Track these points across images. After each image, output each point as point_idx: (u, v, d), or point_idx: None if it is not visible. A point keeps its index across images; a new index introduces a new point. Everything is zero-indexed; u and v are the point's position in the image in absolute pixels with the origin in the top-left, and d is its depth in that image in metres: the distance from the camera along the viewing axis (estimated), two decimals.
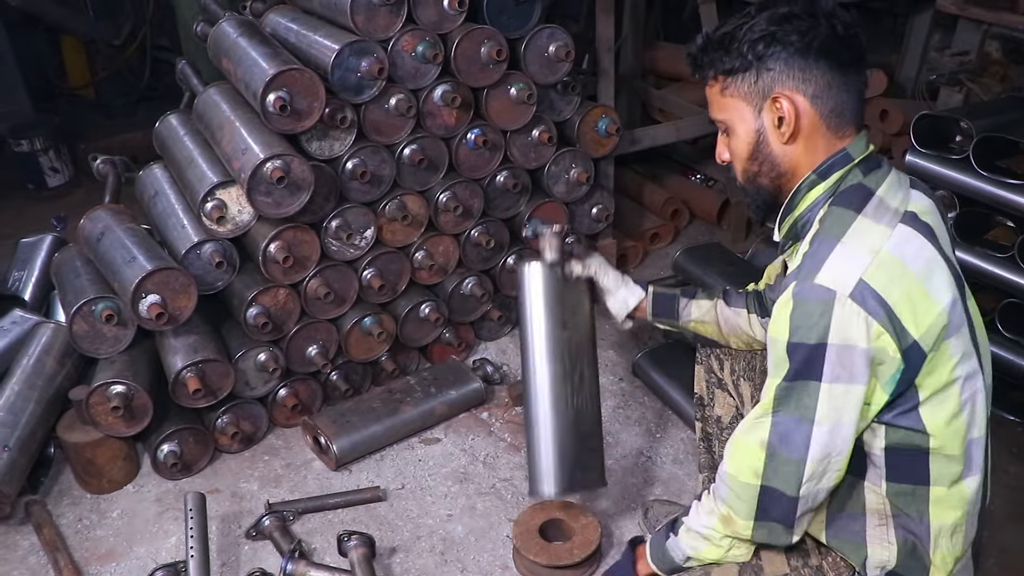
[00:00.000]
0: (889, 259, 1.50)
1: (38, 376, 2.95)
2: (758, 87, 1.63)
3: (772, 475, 1.59)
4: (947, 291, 1.54)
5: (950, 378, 1.55)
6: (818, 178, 1.65)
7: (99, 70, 6.19)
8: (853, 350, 1.47)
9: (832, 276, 1.48)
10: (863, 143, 1.66)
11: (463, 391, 3.18)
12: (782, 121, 1.62)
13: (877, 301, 1.46)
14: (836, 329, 1.47)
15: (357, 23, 2.84)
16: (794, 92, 1.60)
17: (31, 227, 4.25)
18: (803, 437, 1.54)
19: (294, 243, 2.88)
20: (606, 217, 3.65)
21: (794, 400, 1.54)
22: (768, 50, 1.59)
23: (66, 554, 2.62)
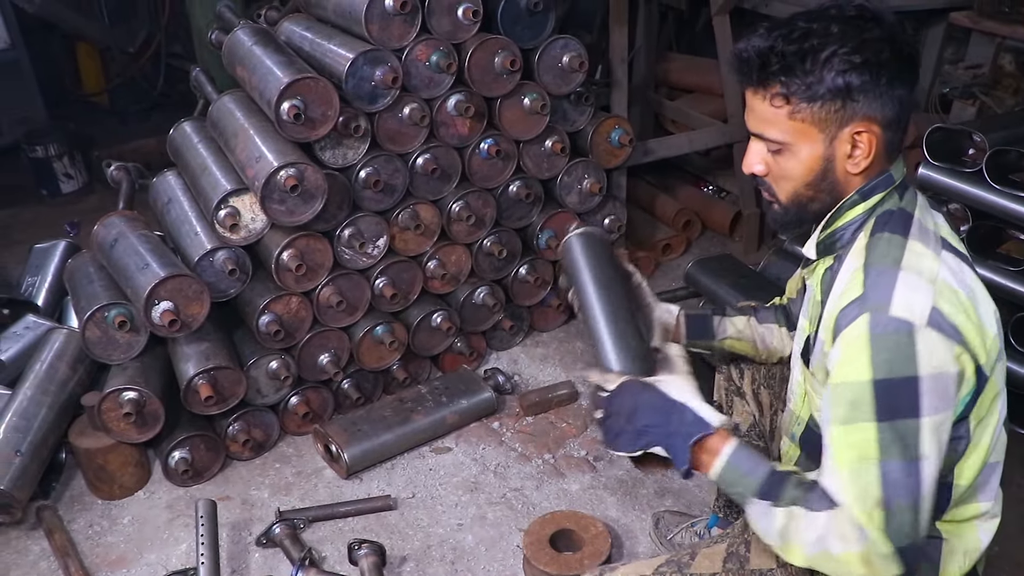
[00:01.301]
0: (947, 288, 1.48)
1: (50, 381, 2.96)
2: (838, 116, 1.53)
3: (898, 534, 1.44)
4: (994, 319, 1.53)
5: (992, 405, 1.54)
6: (860, 198, 1.62)
7: (113, 77, 6.23)
8: (945, 377, 1.43)
9: (906, 307, 1.44)
10: (902, 166, 1.63)
11: (474, 400, 3.18)
12: (855, 151, 1.56)
13: (951, 326, 1.44)
14: (924, 359, 1.42)
15: (371, 32, 2.85)
16: (873, 123, 1.54)
17: (44, 233, 4.26)
18: (916, 478, 1.44)
19: (307, 251, 2.89)
20: (618, 228, 3.65)
21: (898, 444, 1.43)
22: (859, 80, 1.49)
23: (77, 560, 2.62)
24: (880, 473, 1.43)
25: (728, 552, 1.85)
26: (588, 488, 2.90)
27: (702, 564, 1.82)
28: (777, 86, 1.54)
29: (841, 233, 1.65)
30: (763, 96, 1.57)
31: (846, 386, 1.47)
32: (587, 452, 3.05)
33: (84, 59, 6.17)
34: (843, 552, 1.47)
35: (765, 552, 1.81)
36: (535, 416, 3.22)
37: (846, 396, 1.47)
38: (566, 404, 3.27)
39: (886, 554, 1.44)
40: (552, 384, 3.34)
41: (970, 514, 1.65)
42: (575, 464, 3.00)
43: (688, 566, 1.82)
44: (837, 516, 1.48)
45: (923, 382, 1.42)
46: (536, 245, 3.42)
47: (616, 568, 1.87)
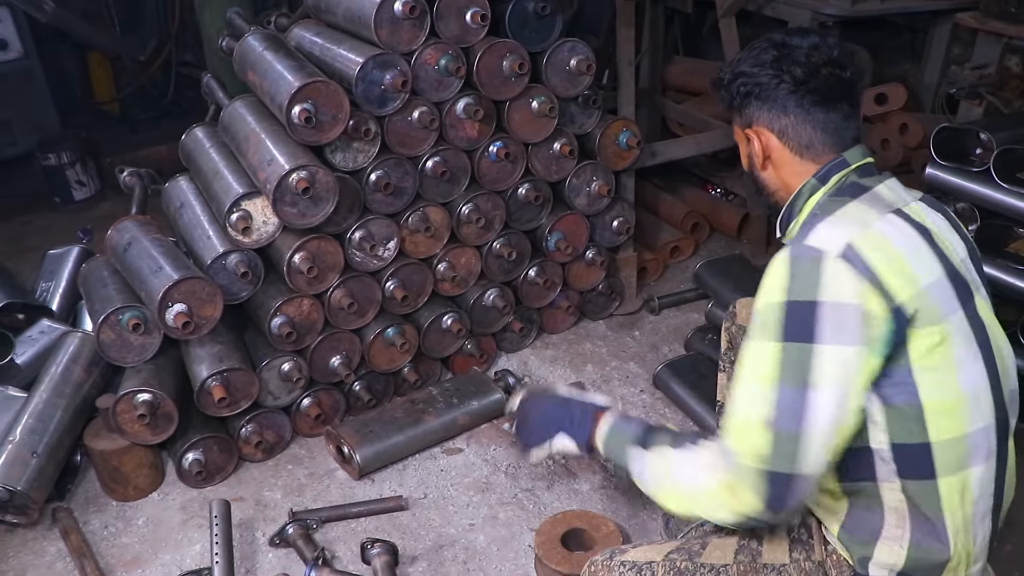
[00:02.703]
0: (876, 233, 1.59)
1: (66, 384, 2.99)
2: (742, 121, 1.85)
3: (778, 459, 1.51)
4: (930, 274, 1.59)
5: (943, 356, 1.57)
6: (818, 182, 1.76)
7: (124, 85, 6.27)
8: (846, 308, 1.50)
9: (821, 239, 1.57)
10: (859, 153, 1.76)
11: (485, 402, 3.20)
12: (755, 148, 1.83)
13: (864, 263, 1.53)
14: (827, 286, 1.51)
15: (381, 37, 2.87)
16: (763, 129, 1.80)
17: (58, 239, 4.30)
18: (807, 408, 1.49)
19: (318, 254, 2.91)
20: (627, 230, 3.67)
21: (791, 367, 1.51)
22: (743, 90, 1.79)
23: (92, 561, 2.65)
24: (773, 395, 1.52)
25: (740, 544, 1.87)
26: (599, 488, 2.91)
27: (713, 554, 1.85)
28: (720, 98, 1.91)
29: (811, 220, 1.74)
30: None
31: (759, 310, 1.59)
32: None
33: (95, 68, 6.21)
34: (709, 484, 1.61)
35: (779, 547, 1.83)
36: None
37: (758, 319, 1.58)
38: None
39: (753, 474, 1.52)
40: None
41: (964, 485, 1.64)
42: (586, 464, 3.01)
43: (699, 555, 1.84)
44: (708, 447, 1.66)
45: (823, 308, 1.50)
46: (545, 247, 3.44)
47: (627, 550, 1.91)
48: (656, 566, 1.85)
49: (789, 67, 1.73)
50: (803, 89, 1.73)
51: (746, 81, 1.78)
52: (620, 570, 1.87)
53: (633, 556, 1.89)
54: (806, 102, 1.74)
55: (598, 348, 3.66)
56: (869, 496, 1.68)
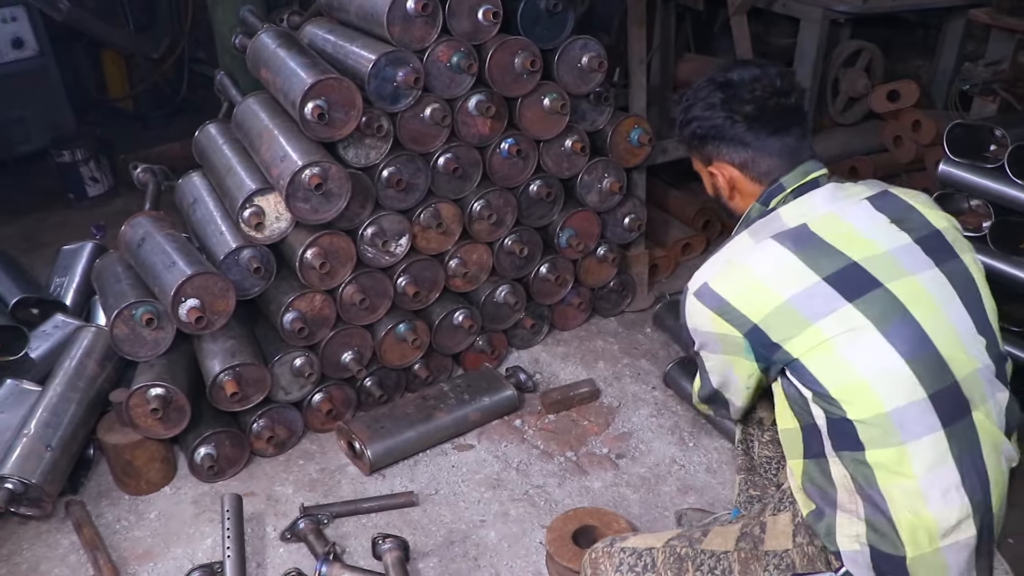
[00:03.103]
0: (736, 265, 1.78)
1: (79, 378, 3.01)
2: (701, 157, 1.99)
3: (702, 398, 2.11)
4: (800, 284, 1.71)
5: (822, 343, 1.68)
6: (762, 205, 1.91)
7: (137, 83, 6.29)
8: (701, 332, 1.87)
9: (692, 280, 1.86)
10: (802, 172, 1.88)
11: (496, 398, 3.20)
12: (720, 182, 1.96)
13: (715, 297, 1.78)
14: (689, 315, 1.87)
15: (393, 34, 2.88)
16: (723, 164, 1.93)
17: (71, 235, 4.32)
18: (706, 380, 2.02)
19: (330, 249, 2.92)
20: (638, 227, 3.67)
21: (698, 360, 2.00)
22: (700, 132, 1.93)
23: (105, 553, 2.66)
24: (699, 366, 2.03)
25: (742, 532, 1.88)
26: (610, 485, 2.91)
27: (714, 541, 1.86)
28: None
29: None
30: None
31: None
32: (609, 450, 3.07)
33: (109, 66, 6.24)
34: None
35: (781, 534, 1.84)
36: (557, 414, 3.24)
37: None
38: (588, 402, 3.29)
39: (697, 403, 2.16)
40: (573, 382, 3.36)
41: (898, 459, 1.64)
42: (597, 462, 3.01)
43: (699, 541, 1.86)
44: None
45: (691, 331, 1.91)
46: (557, 244, 3.44)
47: (627, 538, 1.94)
48: (656, 552, 1.88)
49: (738, 106, 1.87)
50: (756, 124, 1.87)
51: (701, 125, 1.92)
52: (620, 556, 1.90)
53: (633, 543, 1.93)
54: (761, 135, 1.88)
55: (609, 345, 3.66)
56: (823, 473, 1.74)
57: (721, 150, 1.92)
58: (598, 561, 1.92)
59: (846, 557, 1.73)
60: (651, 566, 1.86)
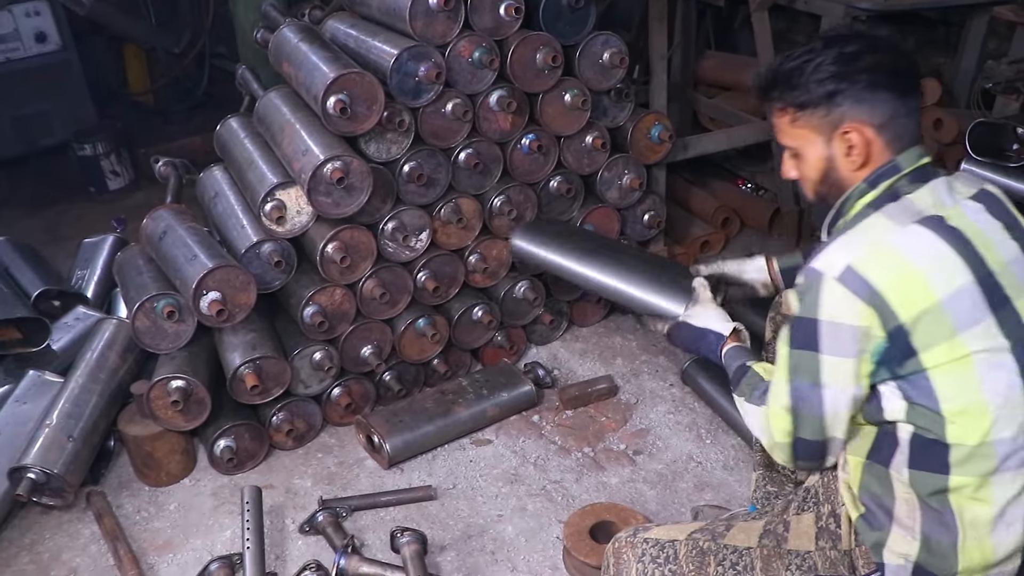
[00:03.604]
0: (886, 249, 1.61)
1: (101, 370, 3.03)
2: (828, 120, 1.75)
3: (803, 430, 1.72)
4: (952, 284, 1.60)
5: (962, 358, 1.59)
6: (868, 187, 1.75)
7: (158, 77, 6.32)
8: (841, 327, 1.61)
9: (824, 261, 1.63)
10: (915, 155, 1.74)
11: (514, 394, 3.20)
12: (851, 150, 1.74)
13: (864, 283, 1.58)
14: (824, 306, 1.62)
15: (415, 29, 2.88)
16: (862, 124, 1.72)
17: (92, 229, 4.34)
18: (819, 397, 1.68)
19: (351, 244, 2.93)
20: (658, 224, 3.66)
21: (803, 368, 1.68)
22: (838, 87, 1.71)
23: (125, 544, 2.68)
24: (790, 388, 1.71)
25: (765, 529, 1.88)
26: (627, 481, 2.91)
27: (737, 536, 1.86)
28: (776, 100, 1.81)
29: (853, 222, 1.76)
30: (771, 110, 1.85)
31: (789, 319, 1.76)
32: (626, 446, 3.07)
33: (130, 60, 6.27)
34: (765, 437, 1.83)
35: (804, 535, 1.83)
36: (574, 410, 3.24)
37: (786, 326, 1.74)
38: (605, 398, 3.29)
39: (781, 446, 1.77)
40: (591, 379, 3.35)
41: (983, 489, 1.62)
42: (614, 457, 3.01)
43: (723, 536, 1.85)
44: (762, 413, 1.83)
45: (821, 325, 1.63)
46: None
47: (651, 528, 1.93)
48: (679, 544, 1.87)
49: (879, 58, 1.71)
50: (899, 77, 1.72)
51: (837, 75, 1.71)
52: (643, 547, 1.89)
53: (656, 534, 1.92)
54: (904, 87, 1.72)
55: (628, 342, 3.65)
56: (883, 483, 1.71)
57: (859, 107, 1.71)
58: (621, 551, 1.92)
59: (888, 570, 1.71)
60: (673, 558, 1.86)
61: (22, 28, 5.16)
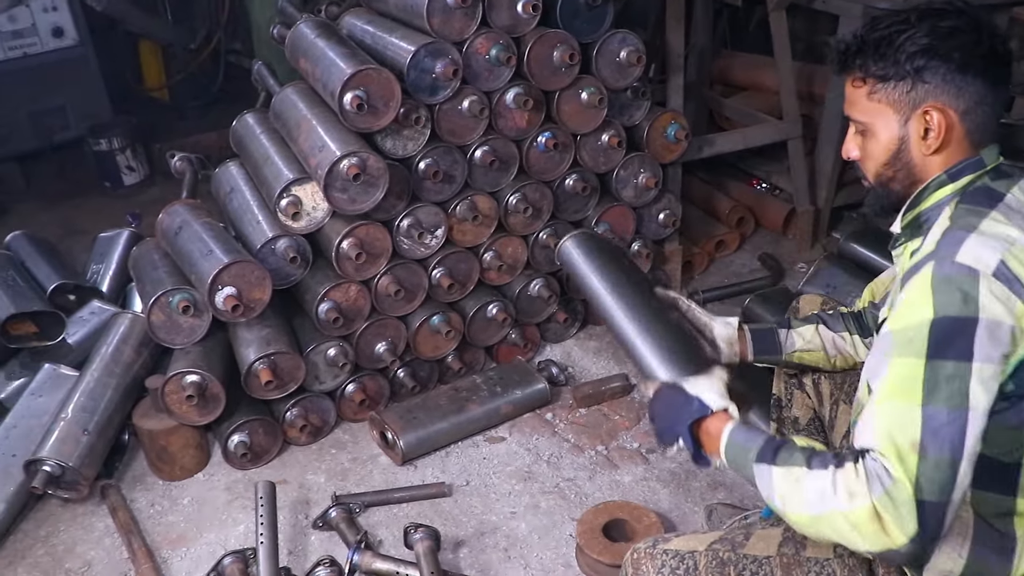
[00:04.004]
0: (1022, 250, 1.49)
1: (116, 364, 3.04)
2: (910, 97, 1.63)
3: (930, 486, 1.39)
4: None
5: None
6: (948, 179, 1.66)
7: (174, 73, 6.34)
8: (1002, 327, 1.43)
9: (974, 256, 1.47)
10: (995, 152, 1.66)
11: (528, 391, 3.20)
12: (928, 133, 1.63)
13: (1018, 282, 1.46)
14: (986, 304, 1.43)
15: (433, 25, 2.88)
16: (946, 107, 1.61)
17: (107, 223, 4.34)
18: (959, 429, 1.39)
19: (367, 240, 2.93)
20: (673, 223, 3.65)
21: (945, 386, 1.41)
22: (928, 63, 1.59)
23: (139, 537, 2.69)
24: (923, 416, 1.40)
25: (784, 536, 1.85)
26: (641, 480, 2.90)
27: (756, 546, 1.83)
28: (855, 69, 1.67)
29: (928, 214, 1.67)
30: (848, 79, 1.70)
31: (902, 329, 1.48)
32: (640, 444, 3.06)
33: (146, 56, 6.28)
34: (850, 509, 1.41)
35: (823, 541, 1.81)
36: (588, 408, 3.23)
37: (902, 337, 1.47)
38: (619, 397, 3.28)
39: (905, 503, 1.37)
40: (605, 377, 3.35)
41: None
42: (628, 456, 3.00)
43: (742, 546, 1.82)
44: (846, 471, 1.44)
45: (981, 325, 1.42)
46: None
47: (670, 539, 1.88)
48: (699, 556, 1.84)
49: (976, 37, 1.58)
50: (994, 63, 1.61)
51: (928, 49, 1.58)
52: (663, 558, 1.85)
53: (676, 545, 1.87)
54: (997, 76, 1.61)
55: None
56: None
57: (948, 87, 1.59)
58: (640, 561, 1.89)
59: None
60: (693, 569, 1.82)
61: (39, 23, 5.18)
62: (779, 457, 1.57)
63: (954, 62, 1.58)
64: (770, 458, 1.58)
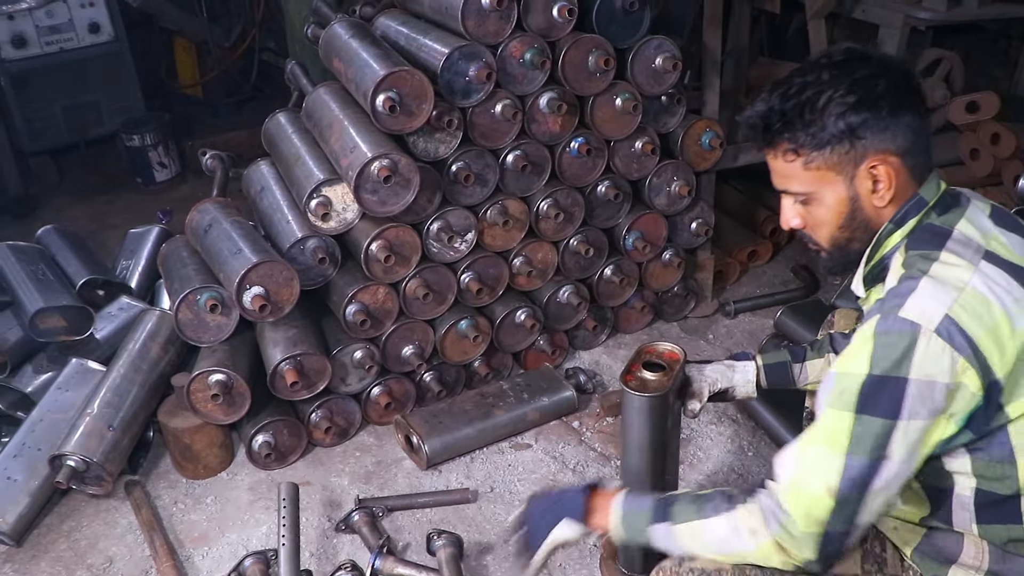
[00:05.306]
0: (974, 297, 1.46)
1: (143, 361, 3.04)
2: (850, 156, 1.59)
3: (836, 520, 1.51)
4: None
5: None
6: (894, 227, 1.64)
7: (208, 71, 6.36)
8: (934, 386, 1.44)
9: (918, 310, 1.45)
10: (935, 185, 1.64)
11: (555, 399, 3.17)
12: (877, 185, 1.61)
13: (963, 337, 1.43)
14: (919, 364, 1.43)
15: (468, 28, 2.86)
16: (888, 154, 1.59)
17: (138, 219, 4.39)
18: (874, 474, 1.48)
19: (396, 242, 2.91)
20: (706, 232, 3.60)
21: (869, 440, 1.47)
22: (860, 119, 1.56)
23: (162, 535, 2.69)
24: (845, 463, 1.48)
25: None
26: None
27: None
28: (784, 143, 1.62)
29: (884, 261, 1.65)
30: (775, 154, 1.66)
31: (841, 376, 1.51)
32: None
33: (180, 53, 6.31)
34: (756, 547, 1.59)
35: (849, 559, 1.77)
36: (616, 417, 3.19)
37: (839, 384, 1.51)
38: None
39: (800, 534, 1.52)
40: None
41: None
42: None
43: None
44: (742, 513, 1.60)
45: (911, 385, 1.43)
46: (623, 246, 3.39)
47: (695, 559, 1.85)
48: (724, 574, 1.81)
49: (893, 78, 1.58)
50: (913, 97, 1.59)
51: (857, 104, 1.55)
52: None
53: (702, 563, 1.84)
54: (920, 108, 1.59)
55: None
56: (945, 536, 1.65)
57: (885, 135, 1.56)
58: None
59: None
60: None
61: (76, 19, 5.22)
62: (672, 513, 1.70)
63: (884, 109, 1.55)
64: (662, 516, 1.70)
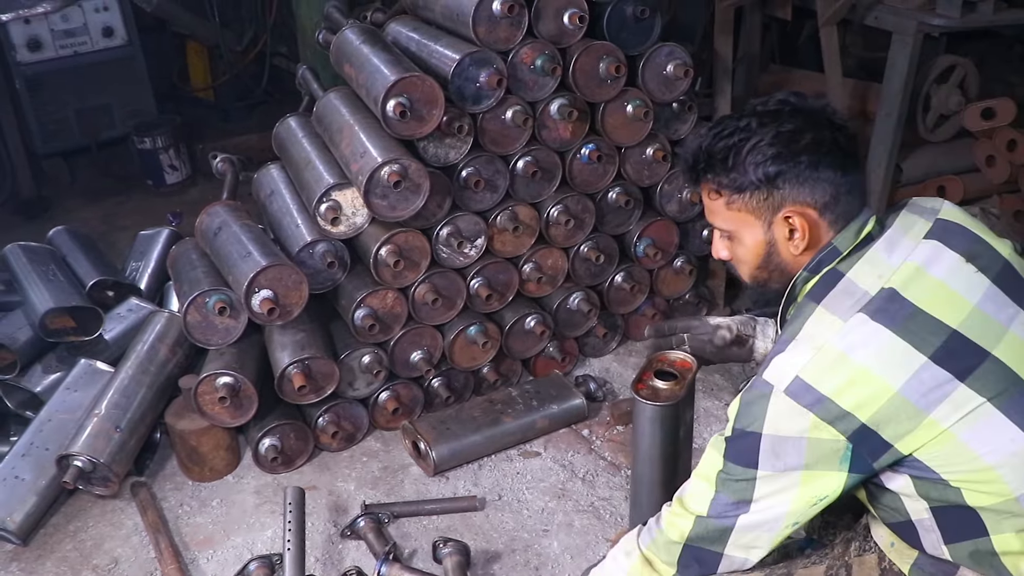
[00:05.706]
0: (833, 354, 1.53)
1: (151, 362, 3.04)
2: (768, 203, 1.66)
3: (698, 538, 1.69)
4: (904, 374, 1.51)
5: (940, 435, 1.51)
6: (809, 274, 1.69)
7: (219, 75, 6.37)
8: (785, 442, 1.54)
9: (775, 373, 1.56)
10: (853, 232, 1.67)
11: (565, 406, 3.15)
12: (793, 234, 1.67)
13: (813, 394, 1.51)
14: (770, 421, 1.55)
15: (478, 34, 2.86)
16: (804, 206, 1.65)
17: (148, 221, 4.39)
18: (738, 511, 1.63)
19: (405, 247, 2.91)
20: None
21: (733, 483, 1.63)
22: (778, 170, 1.62)
23: (167, 537, 2.68)
24: (714, 497, 1.66)
25: (827, 573, 1.80)
26: None
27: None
28: (708, 183, 1.72)
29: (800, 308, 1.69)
30: (703, 191, 1.76)
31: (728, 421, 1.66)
32: None
33: (192, 57, 6.33)
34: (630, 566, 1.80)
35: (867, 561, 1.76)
36: (626, 426, 3.17)
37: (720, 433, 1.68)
38: None
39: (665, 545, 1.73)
40: None
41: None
42: None
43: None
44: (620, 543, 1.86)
45: (764, 440, 1.56)
46: (633, 253, 3.37)
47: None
48: None
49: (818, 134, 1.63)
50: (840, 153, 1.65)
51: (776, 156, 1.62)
52: None
53: None
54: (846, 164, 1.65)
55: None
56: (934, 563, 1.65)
57: (803, 188, 1.63)
58: None
59: None
60: None
61: (90, 22, 5.24)
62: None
63: (803, 164, 1.62)
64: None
